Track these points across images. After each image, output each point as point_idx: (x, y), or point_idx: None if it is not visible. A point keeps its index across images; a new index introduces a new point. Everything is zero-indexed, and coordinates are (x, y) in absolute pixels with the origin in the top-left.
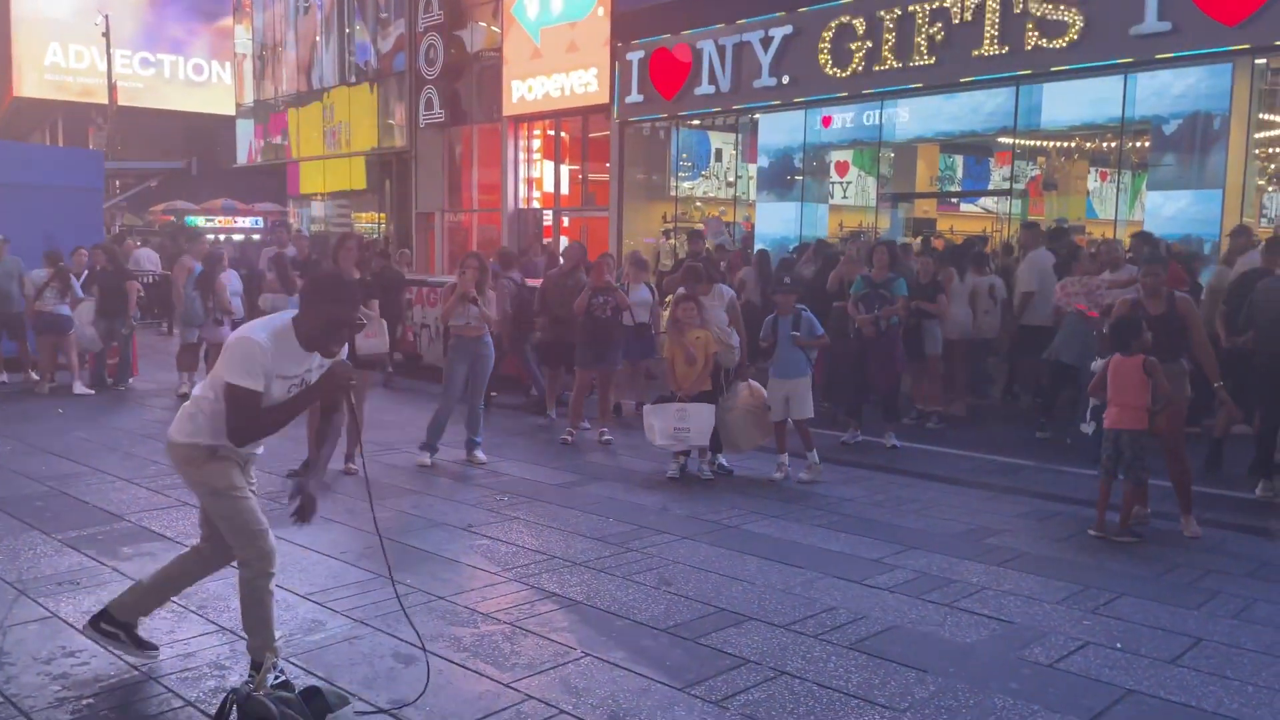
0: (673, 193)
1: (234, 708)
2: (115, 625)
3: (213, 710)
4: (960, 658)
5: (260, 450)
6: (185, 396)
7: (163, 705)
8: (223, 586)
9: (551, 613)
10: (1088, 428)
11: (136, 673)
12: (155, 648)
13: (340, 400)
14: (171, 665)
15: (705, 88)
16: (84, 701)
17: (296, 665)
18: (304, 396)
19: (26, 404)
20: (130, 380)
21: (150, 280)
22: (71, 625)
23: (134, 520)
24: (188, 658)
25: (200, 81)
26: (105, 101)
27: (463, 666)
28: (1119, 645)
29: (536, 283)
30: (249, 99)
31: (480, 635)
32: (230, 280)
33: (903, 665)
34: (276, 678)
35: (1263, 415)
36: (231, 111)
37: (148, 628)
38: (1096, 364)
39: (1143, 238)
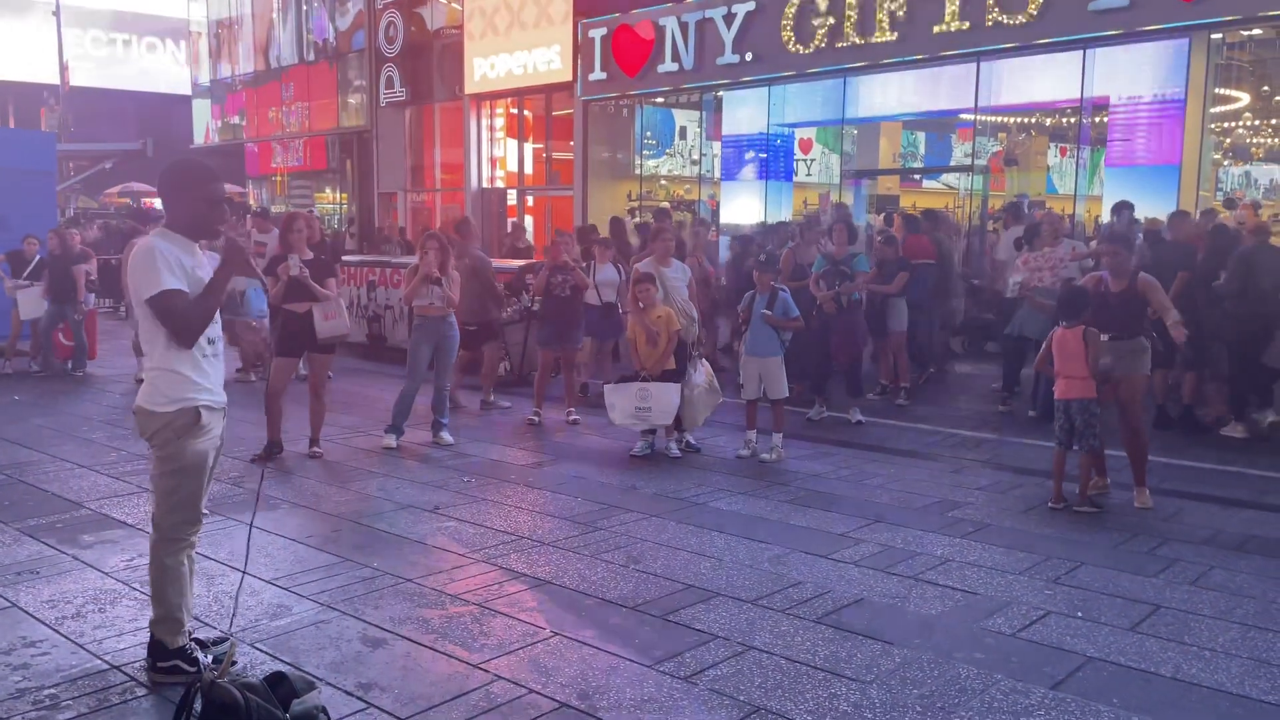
0: (637, 171)
1: (198, 696)
2: (169, 657)
3: (176, 699)
4: (925, 629)
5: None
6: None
7: (126, 694)
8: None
9: (520, 593)
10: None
11: (100, 662)
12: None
13: (245, 269)
14: (135, 654)
15: (669, 65)
16: (45, 692)
17: (263, 651)
18: (218, 277)
19: None
20: (87, 365)
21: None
22: (32, 615)
23: (94, 508)
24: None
25: (155, 60)
26: (57, 82)
27: (431, 648)
28: (1080, 614)
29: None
30: (205, 78)
31: (448, 617)
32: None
33: (869, 638)
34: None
35: (1234, 364)
36: (188, 91)
37: (110, 615)
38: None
39: (1123, 205)
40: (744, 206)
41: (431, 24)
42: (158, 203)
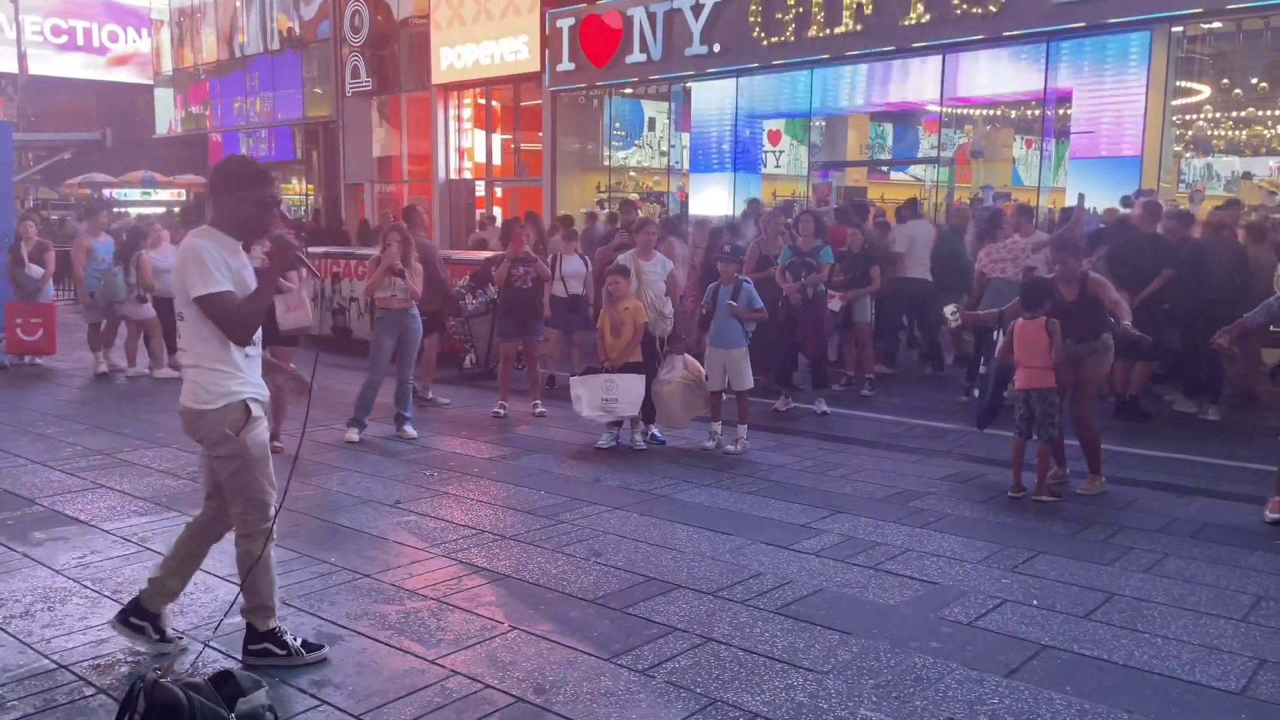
0: (606, 162)
1: (141, 695)
2: (144, 618)
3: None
4: (883, 619)
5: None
6: (103, 376)
7: (74, 694)
8: (138, 570)
9: (479, 587)
10: (1006, 390)
11: (47, 661)
12: (172, 640)
13: (295, 264)
14: (84, 653)
15: (637, 55)
16: None
17: (216, 649)
18: (267, 276)
19: None
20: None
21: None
22: None
23: (46, 504)
24: (100, 644)
25: (116, 49)
26: (15, 70)
27: (387, 644)
28: (1035, 602)
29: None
30: (168, 68)
31: (406, 612)
32: (168, 254)
33: (827, 628)
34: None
35: (1189, 347)
36: (149, 81)
37: (59, 614)
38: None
39: (1067, 211)
40: (713, 198)
41: (398, 13)
42: (117, 193)
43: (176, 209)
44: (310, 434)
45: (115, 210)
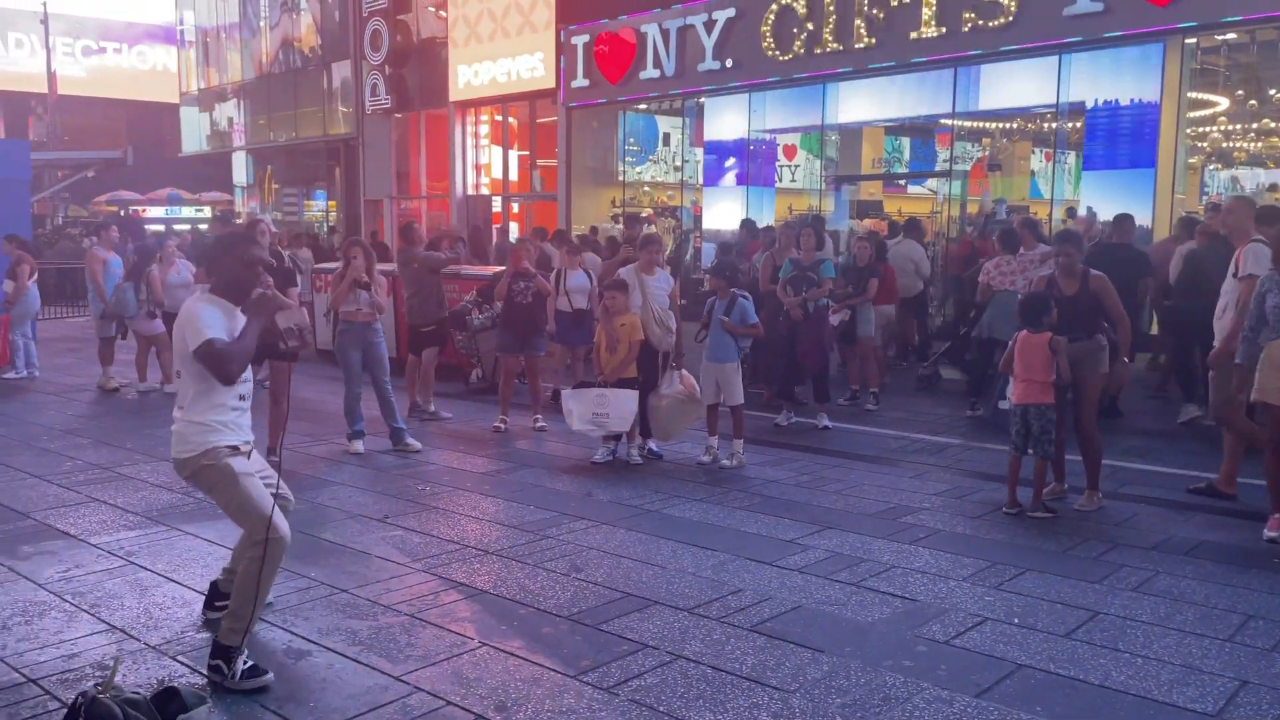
0: (621, 177)
1: (82, 711)
2: (220, 655)
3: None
4: (858, 637)
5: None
6: (114, 390)
7: (38, 708)
8: (120, 585)
9: (455, 603)
10: (1005, 404)
11: (17, 675)
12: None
13: (272, 316)
14: (54, 667)
15: (650, 71)
16: None
17: (184, 664)
18: (249, 326)
19: None
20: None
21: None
22: None
23: (39, 518)
24: (71, 658)
25: (144, 69)
26: (45, 91)
27: (355, 660)
28: (1016, 620)
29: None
30: (194, 86)
31: (378, 628)
32: (181, 271)
33: (800, 646)
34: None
35: (1180, 354)
36: (176, 99)
37: (36, 628)
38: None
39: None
40: (726, 212)
41: (416, 32)
42: (147, 210)
43: (203, 225)
44: (307, 448)
45: (144, 225)
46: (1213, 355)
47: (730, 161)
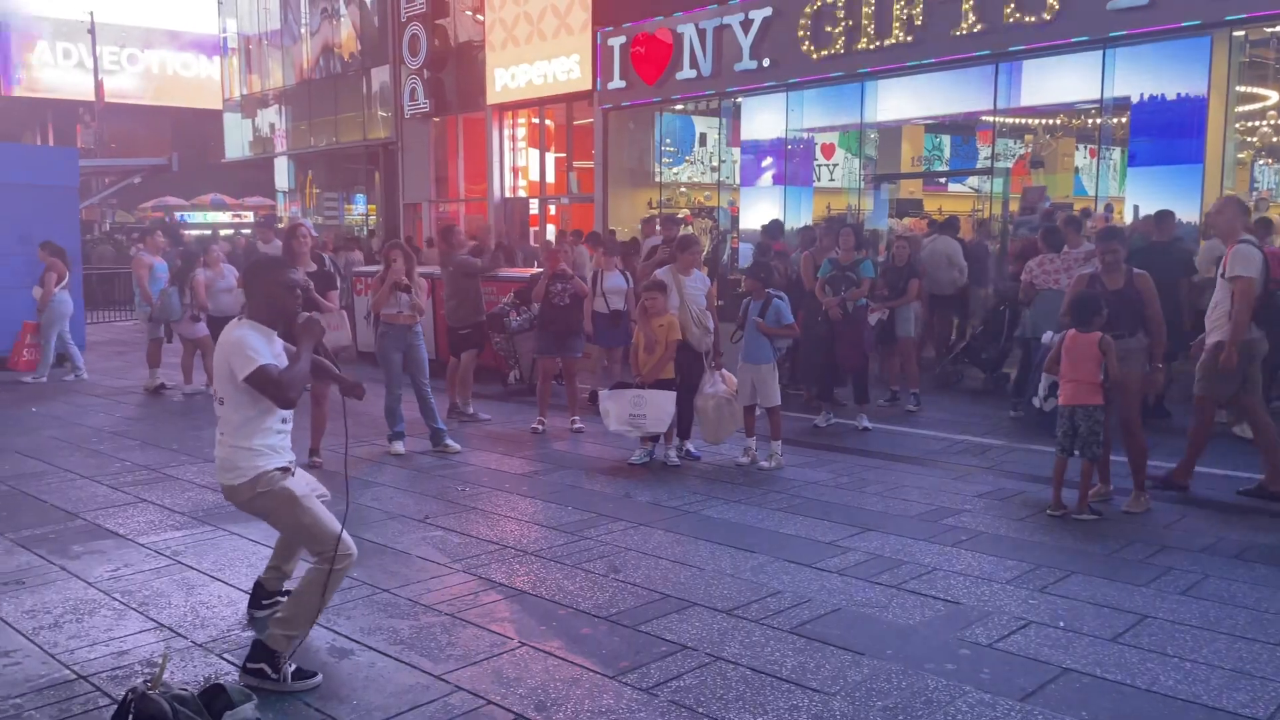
0: (658, 178)
1: (131, 706)
2: (260, 659)
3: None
4: (899, 640)
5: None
6: (159, 390)
7: (88, 704)
8: (167, 583)
9: (494, 603)
10: (1047, 405)
11: (68, 672)
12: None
13: (320, 339)
14: (104, 664)
15: (687, 72)
16: (10, 701)
17: (230, 661)
18: (302, 350)
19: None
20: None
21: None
22: (10, 625)
23: (89, 518)
24: (121, 655)
25: (188, 77)
26: (93, 99)
27: (396, 659)
28: (1061, 624)
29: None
30: (237, 93)
31: (419, 627)
32: (226, 275)
33: (840, 648)
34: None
35: None
36: (219, 106)
37: (86, 626)
38: (1047, 337)
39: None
40: (764, 212)
41: (454, 36)
42: (186, 214)
43: (246, 230)
44: (350, 448)
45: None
46: (1224, 357)
47: (767, 161)
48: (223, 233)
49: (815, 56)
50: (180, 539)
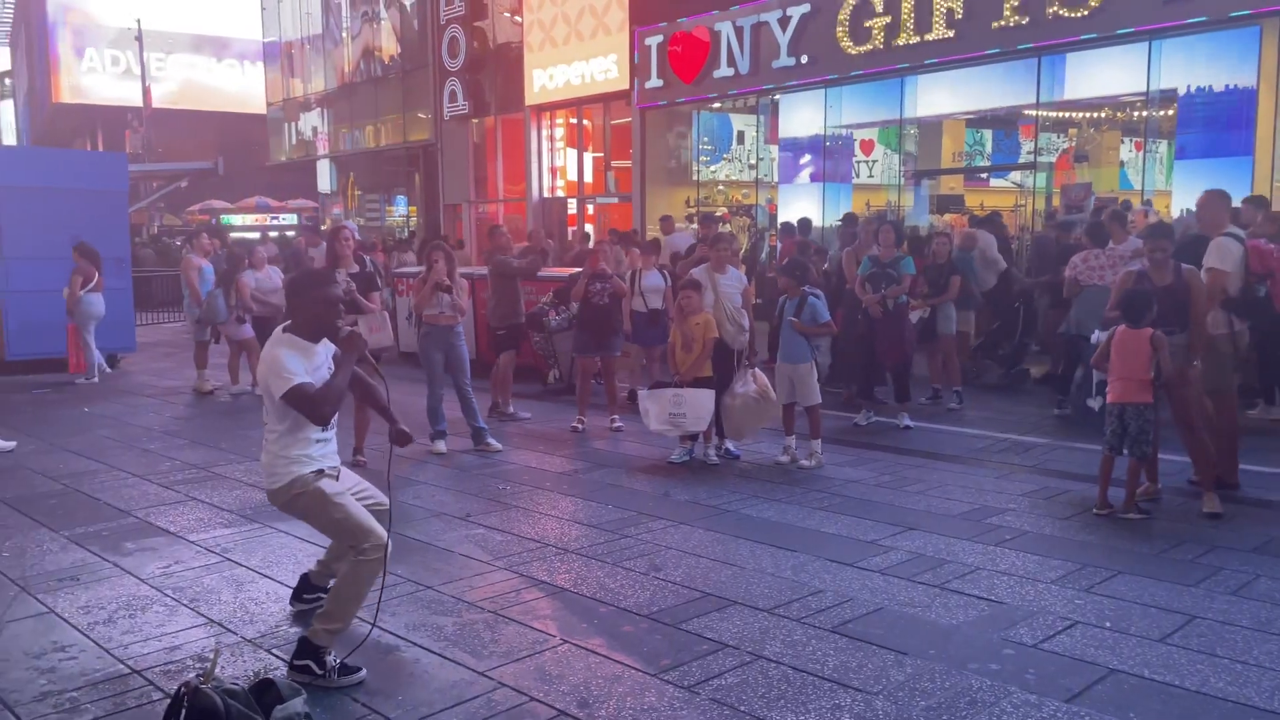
0: (695, 177)
1: (185, 700)
2: (306, 656)
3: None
4: (943, 639)
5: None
6: (209, 393)
7: (142, 698)
8: (217, 580)
9: (536, 600)
10: (1094, 403)
11: (123, 666)
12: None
13: (362, 362)
14: (157, 659)
15: (724, 70)
16: (67, 695)
17: (279, 657)
18: (343, 365)
19: (56, 405)
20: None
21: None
22: (66, 620)
23: (140, 516)
24: (173, 651)
25: (233, 82)
26: (140, 105)
27: (440, 655)
28: (1108, 624)
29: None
30: (280, 97)
31: (462, 624)
32: (271, 276)
33: (882, 648)
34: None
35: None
36: (263, 110)
37: (139, 621)
38: (1097, 336)
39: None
40: (802, 210)
41: (493, 38)
42: (233, 219)
43: (290, 231)
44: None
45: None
46: (1191, 347)
47: (806, 158)
48: (271, 234)
49: (854, 52)
50: (229, 536)
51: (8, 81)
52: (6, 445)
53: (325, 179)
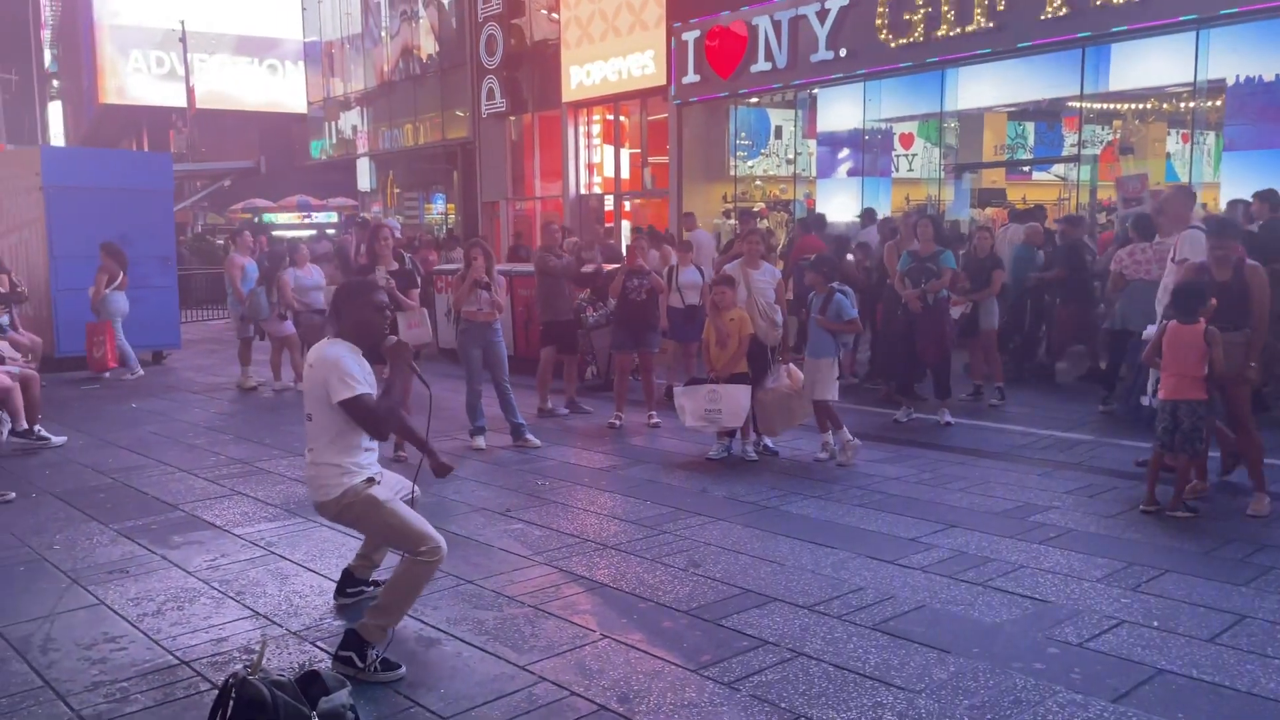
0: (732, 173)
1: (233, 690)
2: (350, 647)
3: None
4: (986, 638)
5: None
6: (253, 389)
7: (190, 689)
8: (262, 573)
9: (576, 595)
10: (1149, 399)
11: (171, 658)
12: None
13: (407, 373)
14: (204, 650)
15: (762, 64)
16: (118, 685)
17: (323, 649)
18: (394, 378)
19: (104, 401)
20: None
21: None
22: (117, 612)
23: (187, 510)
24: (220, 642)
25: (274, 82)
26: (184, 105)
27: (482, 649)
28: (1155, 623)
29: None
30: (321, 96)
31: (502, 618)
32: (312, 274)
33: (925, 646)
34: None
35: None
36: (304, 109)
37: (187, 613)
38: (1149, 331)
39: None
40: (841, 205)
41: (530, 35)
42: (275, 216)
43: (330, 230)
44: (431, 442)
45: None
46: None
47: (844, 152)
48: (307, 233)
49: (893, 45)
50: (273, 530)
51: (55, 83)
52: (58, 440)
53: (365, 177)
